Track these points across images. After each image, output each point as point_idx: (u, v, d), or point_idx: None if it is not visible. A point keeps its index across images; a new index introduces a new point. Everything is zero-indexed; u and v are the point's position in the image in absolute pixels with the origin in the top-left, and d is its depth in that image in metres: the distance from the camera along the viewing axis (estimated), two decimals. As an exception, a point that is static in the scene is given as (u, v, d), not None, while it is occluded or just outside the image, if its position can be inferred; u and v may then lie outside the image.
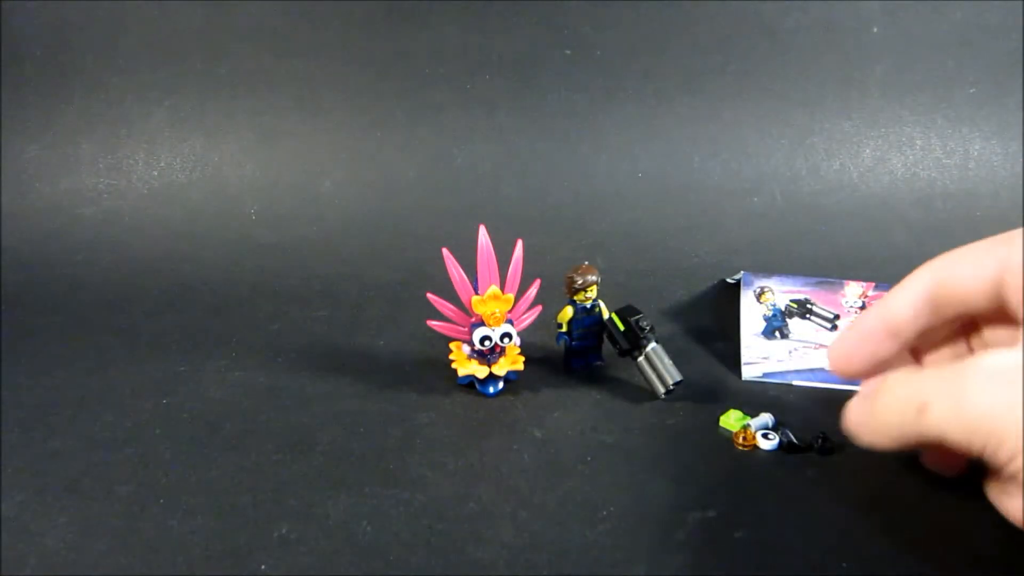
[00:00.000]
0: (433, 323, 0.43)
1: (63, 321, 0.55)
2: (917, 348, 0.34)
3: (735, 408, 0.41)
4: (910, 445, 0.28)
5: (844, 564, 0.30)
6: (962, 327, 0.33)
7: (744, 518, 0.33)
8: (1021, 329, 0.26)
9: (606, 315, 0.44)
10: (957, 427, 0.25)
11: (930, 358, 0.34)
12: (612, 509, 0.34)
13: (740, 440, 0.38)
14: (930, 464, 0.34)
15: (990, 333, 0.32)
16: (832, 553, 0.31)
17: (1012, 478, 0.24)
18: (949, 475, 0.33)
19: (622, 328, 0.43)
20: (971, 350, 0.33)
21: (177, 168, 0.76)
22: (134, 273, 0.64)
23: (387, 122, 0.77)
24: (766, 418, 0.40)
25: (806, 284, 0.51)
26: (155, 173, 0.76)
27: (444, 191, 0.74)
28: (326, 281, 0.61)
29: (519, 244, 0.42)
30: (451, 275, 0.41)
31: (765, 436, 0.38)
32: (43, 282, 0.62)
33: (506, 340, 0.42)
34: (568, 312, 0.44)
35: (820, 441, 0.38)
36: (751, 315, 0.49)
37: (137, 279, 0.63)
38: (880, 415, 0.28)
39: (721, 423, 0.40)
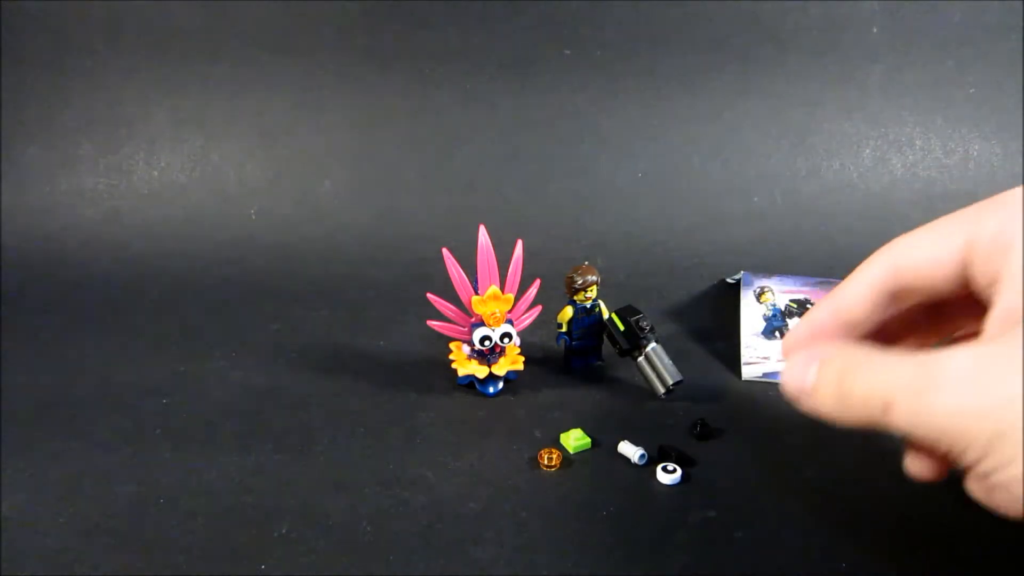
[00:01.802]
0: (433, 323, 0.43)
1: (63, 321, 0.55)
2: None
3: (578, 428, 0.39)
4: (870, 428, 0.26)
5: (844, 564, 0.30)
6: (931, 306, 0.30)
7: (744, 518, 0.33)
8: (988, 316, 0.25)
9: (606, 315, 0.44)
10: (922, 429, 0.24)
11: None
12: (612, 509, 0.34)
13: (544, 461, 0.36)
14: (913, 473, 0.33)
15: (959, 319, 0.30)
16: (832, 553, 0.31)
17: (981, 477, 0.24)
18: (933, 481, 0.32)
19: (622, 328, 0.43)
20: (939, 333, 0.31)
21: (177, 168, 0.76)
22: (134, 273, 0.64)
23: (387, 122, 0.77)
24: (635, 450, 0.37)
25: (806, 284, 0.51)
26: (155, 173, 0.76)
27: (444, 191, 0.74)
28: (326, 281, 0.61)
29: (519, 244, 0.42)
30: (451, 275, 0.41)
31: (665, 470, 0.35)
32: (43, 282, 0.62)
33: (506, 340, 0.42)
34: (568, 312, 0.44)
35: (698, 428, 0.39)
36: (751, 315, 0.49)
37: (137, 279, 0.63)
38: (844, 404, 0.26)
39: (561, 439, 0.38)
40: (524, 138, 0.76)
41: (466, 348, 0.43)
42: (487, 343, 0.42)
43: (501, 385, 0.44)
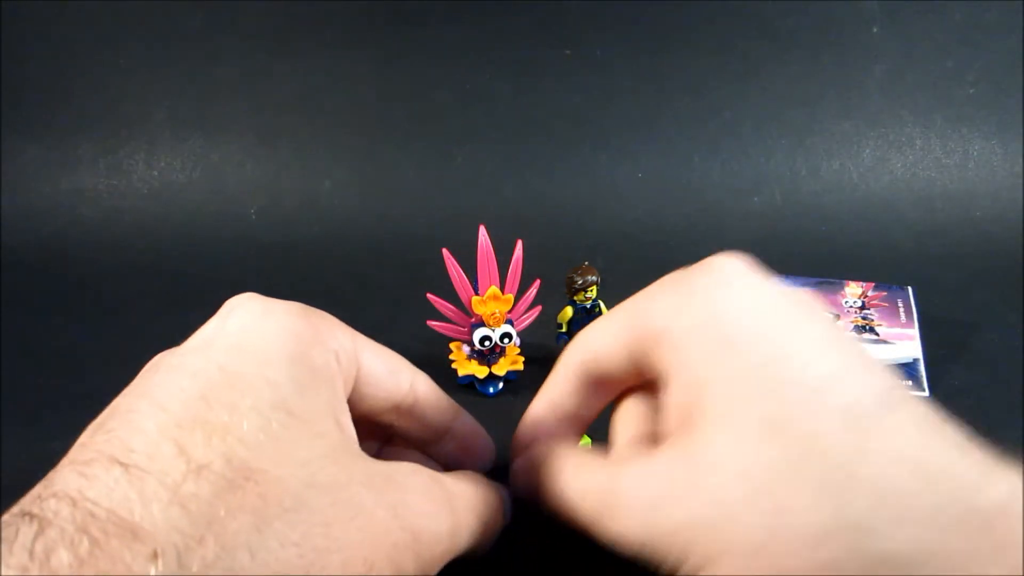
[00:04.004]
0: (433, 323, 0.43)
1: (63, 321, 0.55)
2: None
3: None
4: None
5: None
6: None
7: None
8: (661, 412, 0.25)
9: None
10: (617, 547, 0.23)
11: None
12: (612, 509, 0.34)
13: None
14: None
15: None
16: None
17: None
18: None
19: (622, 328, 0.43)
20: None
21: (177, 168, 0.76)
22: (134, 273, 0.64)
23: (387, 122, 0.77)
24: None
25: (806, 284, 0.51)
26: (155, 173, 0.76)
27: (444, 191, 0.74)
28: (326, 281, 0.61)
29: (519, 244, 0.42)
30: (451, 275, 0.41)
31: None
32: (43, 282, 0.62)
33: (506, 340, 0.42)
34: (568, 312, 0.44)
35: None
36: (751, 315, 0.49)
37: (137, 279, 0.63)
38: (557, 511, 0.26)
39: None
40: (524, 138, 0.76)
41: (466, 348, 0.43)
42: (487, 343, 0.42)
43: (501, 385, 0.44)
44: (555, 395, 0.30)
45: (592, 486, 0.25)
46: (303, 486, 0.19)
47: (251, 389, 0.21)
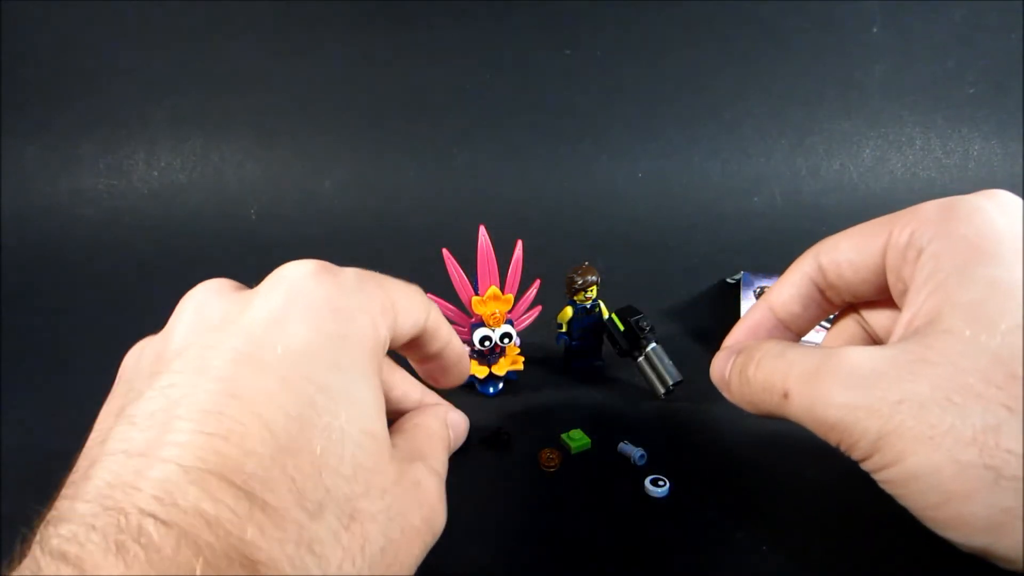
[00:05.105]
0: (433, 323, 0.43)
1: (63, 321, 0.55)
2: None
3: (578, 428, 0.39)
4: (776, 417, 0.27)
5: (845, 564, 0.30)
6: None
7: (744, 518, 0.33)
8: (898, 322, 0.26)
9: (606, 315, 0.44)
10: (815, 420, 0.25)
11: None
12: (612, 509, 0.34)
13: (544, 461, 0.37)
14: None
15: (877, 316, 0.31)
16: (833, 554, 0.31)
17: (871, 472, 0.24)
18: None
19: (622, 328, 0.43)
20: (863, 326, 0.32)
21: (177, 168, 0.76)
22: (134, 273, 0.64)
23: (387, 122, 0.77)
24: (635, 450, 0.37)
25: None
26: (155, 173, 0.76)
27: (444, 191, 0.74)
28: (326, 281, 0.61)
29: (519, 244, 0.42)
30: (451, 275, 0.41)
31: (655, 484, 0.35)
32: (43, 282, 0.62)
33: (506, 340, 0.42)
34: (568, 312, 0.44)
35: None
36: (751, 315, 0.49)
37: (137, 279, 0.63)
38: (748, 388, 0.28)
39: (561, 439, 0.38)
40: (524, 138, 0.76)
41: (466, 348, 0.43)
42: (487, 343, 0.42)
43: (501, 385, 0.44)
44: (780, 300, 0.31)
45: (805, 358, 0.25)
46: (387, 520, 0.21)
47: (342, 409, 0.21)
